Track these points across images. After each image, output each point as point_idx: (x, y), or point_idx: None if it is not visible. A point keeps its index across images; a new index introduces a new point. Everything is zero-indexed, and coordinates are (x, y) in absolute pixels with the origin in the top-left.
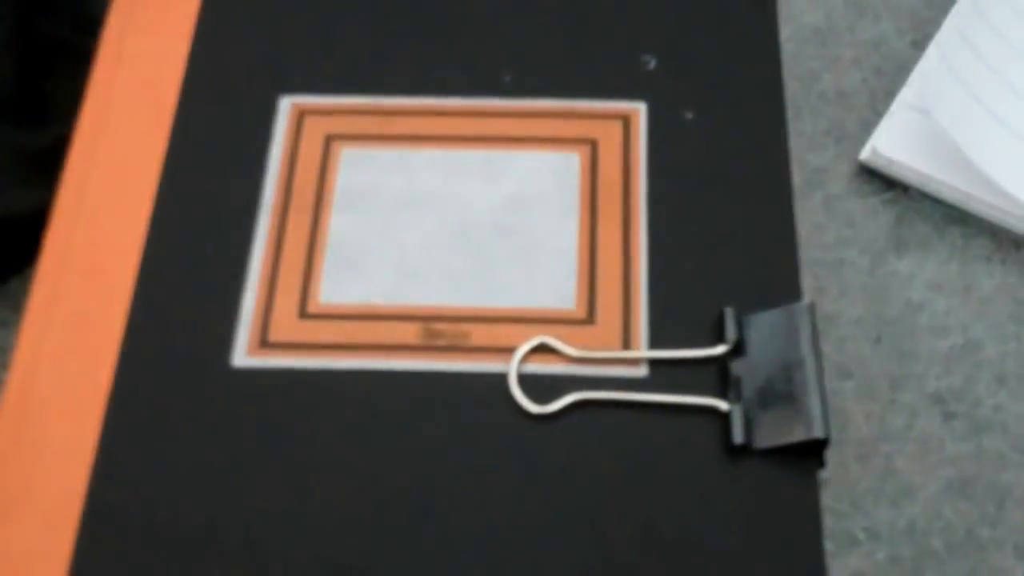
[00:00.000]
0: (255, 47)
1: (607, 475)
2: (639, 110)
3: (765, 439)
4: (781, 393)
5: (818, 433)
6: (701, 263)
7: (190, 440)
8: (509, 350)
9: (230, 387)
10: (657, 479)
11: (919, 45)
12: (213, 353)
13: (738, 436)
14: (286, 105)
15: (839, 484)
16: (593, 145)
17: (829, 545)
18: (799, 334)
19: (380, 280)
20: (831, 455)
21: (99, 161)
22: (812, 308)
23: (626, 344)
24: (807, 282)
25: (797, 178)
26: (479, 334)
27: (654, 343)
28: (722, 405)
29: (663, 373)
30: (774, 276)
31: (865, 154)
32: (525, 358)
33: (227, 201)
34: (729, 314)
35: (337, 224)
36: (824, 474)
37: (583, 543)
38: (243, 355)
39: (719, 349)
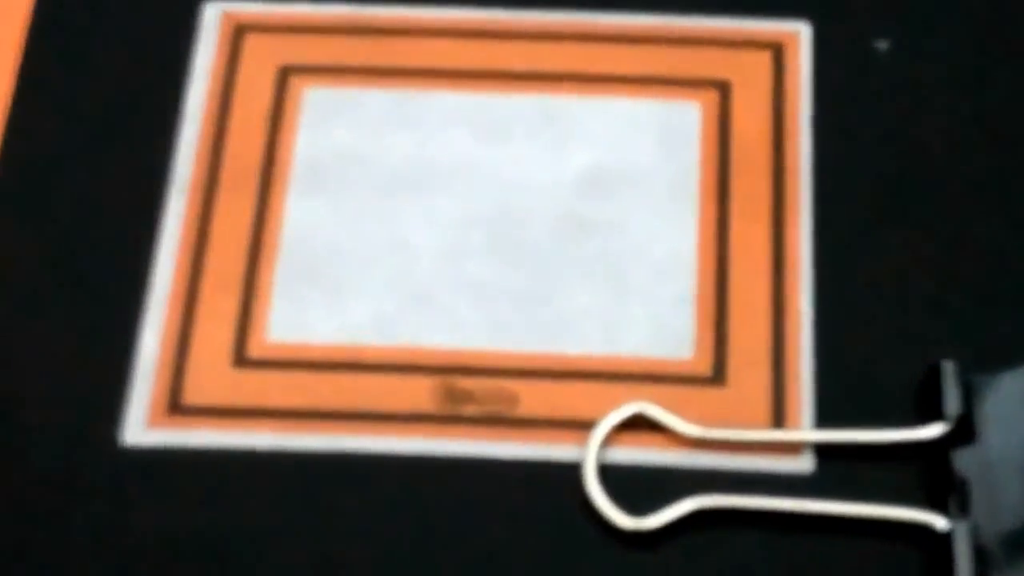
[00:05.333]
0: None
1: None
2: (800, 33)
3: None
4: None
5: None
6: (897, 288)
7: (65, 553)
8: (586, 425)
9: (120, 476)
10: None
11: None
12: (96, 427)
13: (964, 571)
14: (213, 16)
15: None
16: (724, 90)
17: None
18: None
19: (367, 305)
20: None
21: None
22: None
23: (778, 418)
24: None
25: None
26: (532, 397)
27: (822, 418)
28: (938, 522)
29: (838, 467)
30: (1019, 315)
31: None
32: (611, 439)
33: (119, 177)
34: (949, 372)
35: (297, 212)
36: None
37: None
38: (140, 427)
39: (933, 430)
